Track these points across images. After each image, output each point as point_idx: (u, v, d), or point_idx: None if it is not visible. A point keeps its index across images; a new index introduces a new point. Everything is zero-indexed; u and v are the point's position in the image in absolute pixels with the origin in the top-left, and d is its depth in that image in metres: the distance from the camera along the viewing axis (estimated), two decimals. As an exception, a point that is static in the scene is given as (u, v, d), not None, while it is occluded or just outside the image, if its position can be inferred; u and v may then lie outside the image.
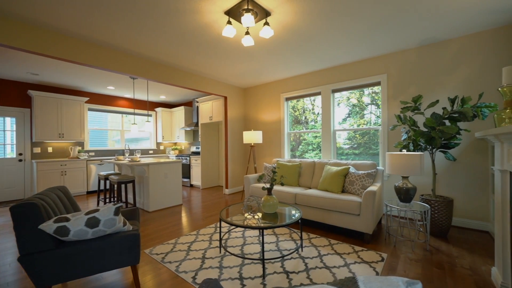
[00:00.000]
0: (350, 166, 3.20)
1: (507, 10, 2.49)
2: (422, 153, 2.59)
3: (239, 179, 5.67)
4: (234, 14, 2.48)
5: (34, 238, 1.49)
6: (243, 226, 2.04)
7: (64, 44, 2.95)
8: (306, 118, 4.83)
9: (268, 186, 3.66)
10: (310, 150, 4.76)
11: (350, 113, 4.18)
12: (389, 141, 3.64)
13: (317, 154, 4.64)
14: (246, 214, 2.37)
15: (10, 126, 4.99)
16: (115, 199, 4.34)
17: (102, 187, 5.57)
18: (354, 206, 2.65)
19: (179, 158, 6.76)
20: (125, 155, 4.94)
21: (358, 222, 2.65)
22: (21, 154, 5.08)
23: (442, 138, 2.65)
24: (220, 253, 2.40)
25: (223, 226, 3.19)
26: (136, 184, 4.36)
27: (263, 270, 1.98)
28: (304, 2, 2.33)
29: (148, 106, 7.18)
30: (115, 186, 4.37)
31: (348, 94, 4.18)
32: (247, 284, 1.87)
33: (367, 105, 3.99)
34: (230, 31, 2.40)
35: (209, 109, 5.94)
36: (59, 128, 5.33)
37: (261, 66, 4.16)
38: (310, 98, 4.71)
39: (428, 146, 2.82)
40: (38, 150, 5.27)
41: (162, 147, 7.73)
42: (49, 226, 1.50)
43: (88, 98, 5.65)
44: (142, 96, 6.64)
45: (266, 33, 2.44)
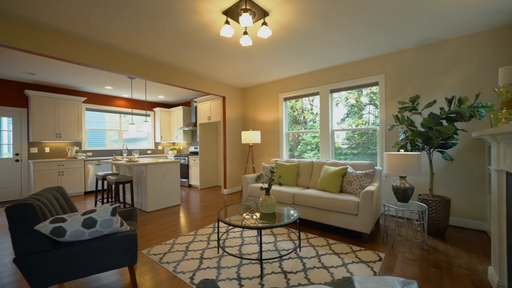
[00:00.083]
0: (348, 166, 3.21)
1: (504, 11, 2.50)
2: (419, 153, 2.60)
3: (238, 179, 5.67)
4: (232, 14, 2.47)
5: (30, 239, 1.48)
6: (241, 226, 2.04)
7: (62, 43, 2.94)
8: (304, 118, 4.83)
9: (266, 186, 3.67)
10: (308, 150, 4.76)
11: (348, 113, 4.18)
12: (387, 141, 3.65)
13: (315, 154, 4.65)
14: (244, 214, 2.37)
15: (7, 126, 4.96)
16: (113, 200, 4.32)
17: (100, 188, 5.55)
18: (352, 206, 2.65)
19: (178, 158, 6.74)
20: (123, 155, 4.92)
21: (356, 222, 2.65)
22: (17, 154, 5.04)
23: (439, 138, 2.66)
24: (218, 253, 2.40)
25: (221, 226, 3.18)
26: (134, 184, 4.34)
27: (261, 270, 1.98)
28: (302, 2, 2.33)
29: (146, 106, 7.16)
30: (113, 186, 4.36)
31: (346, 94, 4.19)
32: (245, 284, 1.87)
33: (366, 105, 4.00)
34: (228, 31, 2.39)
35: (207, 109, 5.93)
36: (56, 128, 5.30)
37: (259, 66, 4.16)
38: (309, 98, 4.71)
39: (425, 146, 2.83)
40: (35, 150, 5.23)
41: (160, 147, 7.70)
42: (45, 227, 1.49)
43: (85, 98, 5.62)
44: (140, 96, 6.62)
45: (264, 33, 2.44)
